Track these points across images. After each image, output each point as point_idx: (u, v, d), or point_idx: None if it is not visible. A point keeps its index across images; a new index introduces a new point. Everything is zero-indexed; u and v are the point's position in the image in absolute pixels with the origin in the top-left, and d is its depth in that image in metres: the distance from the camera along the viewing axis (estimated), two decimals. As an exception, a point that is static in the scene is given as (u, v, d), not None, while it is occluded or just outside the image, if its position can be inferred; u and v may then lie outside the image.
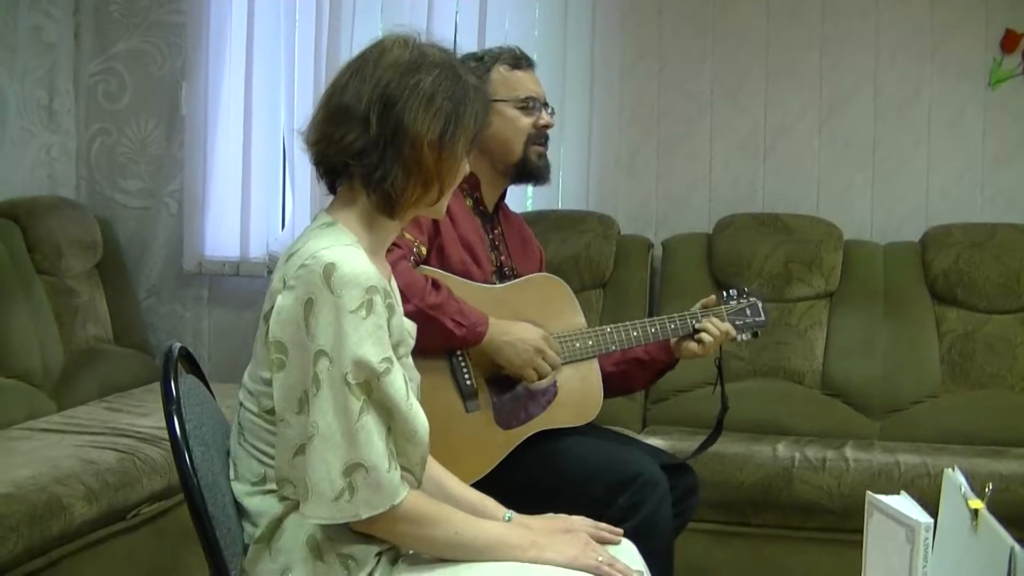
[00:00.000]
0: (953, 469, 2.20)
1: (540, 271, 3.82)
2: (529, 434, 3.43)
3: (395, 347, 2.42)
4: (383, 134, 2.40)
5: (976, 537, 2.01)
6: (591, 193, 5.68)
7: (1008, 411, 4.91)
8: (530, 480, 3.34)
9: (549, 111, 3.71)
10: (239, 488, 2.50)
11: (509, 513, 2.75)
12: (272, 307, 2.37)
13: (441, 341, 3.27)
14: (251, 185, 5.77)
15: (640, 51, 5.70)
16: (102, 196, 6.02)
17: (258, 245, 5.81)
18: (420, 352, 3.16)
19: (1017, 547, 1.87)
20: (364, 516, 2.32)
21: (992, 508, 4.18)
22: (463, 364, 3.36)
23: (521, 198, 5.62)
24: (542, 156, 3.68)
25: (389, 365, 2.33)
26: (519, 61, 3.69)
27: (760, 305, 3.82)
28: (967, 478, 2.20)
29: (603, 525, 2.78)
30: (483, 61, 3.67)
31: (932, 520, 2.21)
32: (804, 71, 5.61)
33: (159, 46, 5.98)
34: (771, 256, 5.26)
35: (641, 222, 5.67)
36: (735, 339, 3.74)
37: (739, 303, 3.79)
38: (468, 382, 3.35)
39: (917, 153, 5.53)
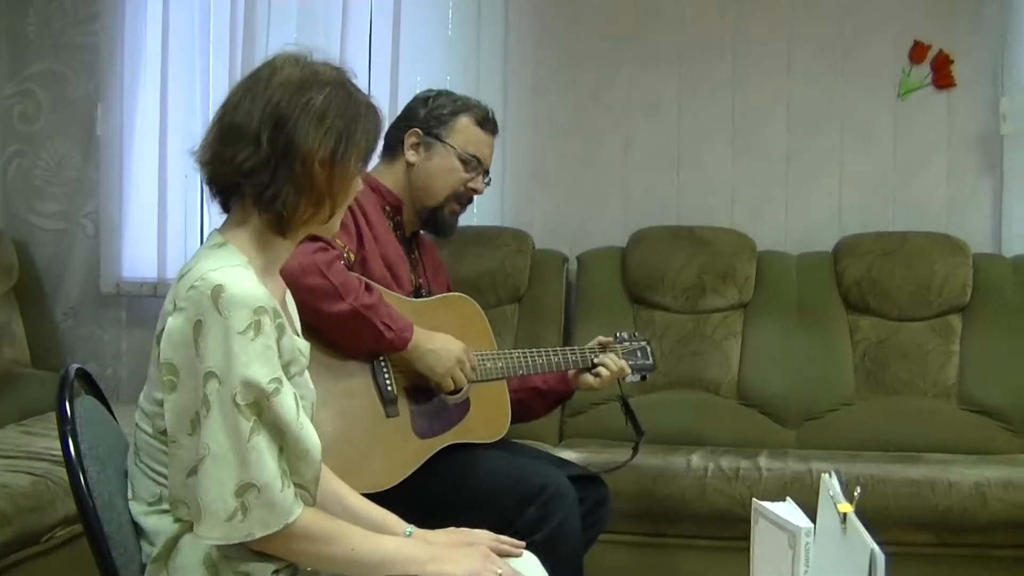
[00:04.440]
0: (830, 475, 2.23)
1: None
2: (444, 445, 3.48)
3: (286, 366, 2.42)
4: (274, 153, 2.39)
5: (846, 540, 2.05)
6: (505, 208, 5.71)
7: (921, 417, 4.98)
8: (440, 493, 3.39)
9: (486, 180, 3.82)
10: (136, 508, 2.50)
11: (410, 528, 2.75)
12: (163, 328, 2.37)
13: (370, 343, 3.33)
14: (167, 205, 5.75)
15: (553, 64, 5.73)
16: (18, 218, 5.98)
17: (176, 265, 5.75)
18: (346, 354, 3.28)
19: (876, 548, 1.91)
20: (258, 535, 2.32)
21: (908, 514, 4.27)
22: (385, 370, 3.40)
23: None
24: (455, 214, 3.79)
25: (278, 385, 2.33)
26: (486, 121, 3.80)
27: (649, 349, 4.02)
28: (842, 482, 2.23)
29: (504, 538, 2.80)
30: (455, 103, 3.78)
31: (813, 525, 2.24)
32: (717, 84, 5.66)
33: (74, 67, 5.94)
34: (685, 268, 5.29)
35: (556, 236, 5.66)
36: (626, 378, 3.89)
37: (631, 344, 3.97)
38: (389, 387, 3.39)
39: (829, 164, 5.59)
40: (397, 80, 5.55)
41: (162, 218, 5.77)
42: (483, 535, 2.76)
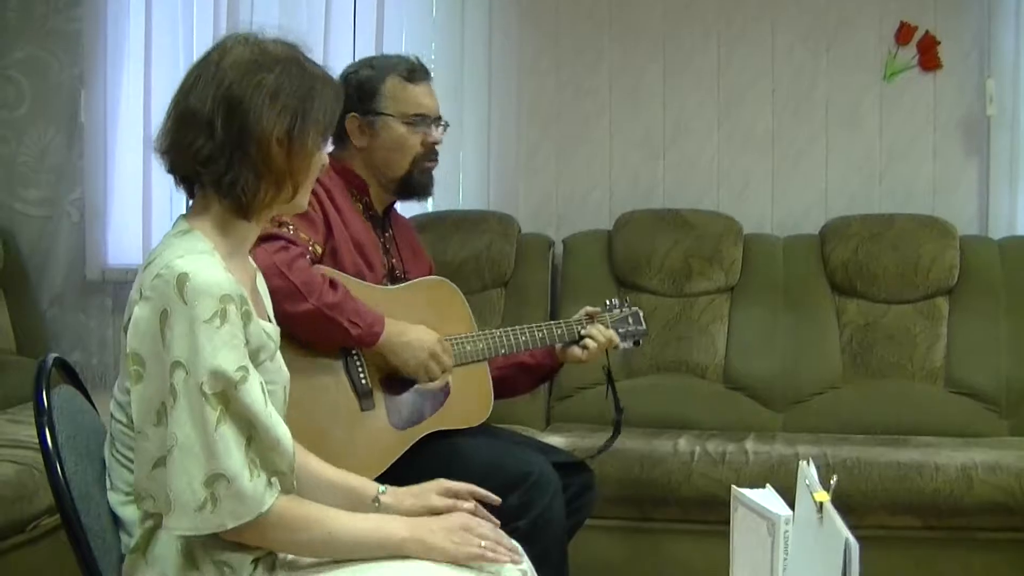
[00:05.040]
0: (807, 463, 2.22)
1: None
2: (422, 434, 3.45)
3: (255, 353, 2.41)
4: (229, 138, 2.37)
5: (822, 529, 2.04)
6: (491, 193, 5.70)
7: (908, 400, 4.99)
8: (422, 481, 3.34)
9: (442, 125, 3.72)
10: (114, 498, 2.48)
11: (384, 487, 2.73)
12: (130, 317, 2.35)
13: (337, 340, 3.30)
14: (152, 192, 5.71)
15: (538, 49, 5.73)
16: (3, 206, 5.94)
17: (161, 252, 5.74)
18: (315, 351, 3.22)
19: (851, 538, 1.89)
20: (230, 526, 2.30)
21: (895, 497, 4.26)
22: (358, 363, 3.37)
23: (422, 198, 5.64)
24: (425, 172, 3.69)
25: (245, 374, 2.31)
26: (413, 73, 3.67)
27: (640, 314, 3.95)
28: (819, 470, 2.22)
29: (479, 491, 2.76)
30: (375, 69, 3.67)
31: (792, 513, 2.23)
32: (701, 67, 5.66)
33: (57, 54, 5.91)
34: (671, 252, 5.29)
35: (542, 221, 5.68)
36: (617, 346, 3.84)
37: (621, 312, 3.90)
38: (363, 381, 3.36)
39: (815, 146, 5.59)
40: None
41: (147, 204, 5.74)
42: (463, 489, 2.75)
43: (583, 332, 3.75)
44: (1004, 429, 4.89)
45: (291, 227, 3.27)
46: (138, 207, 5.77)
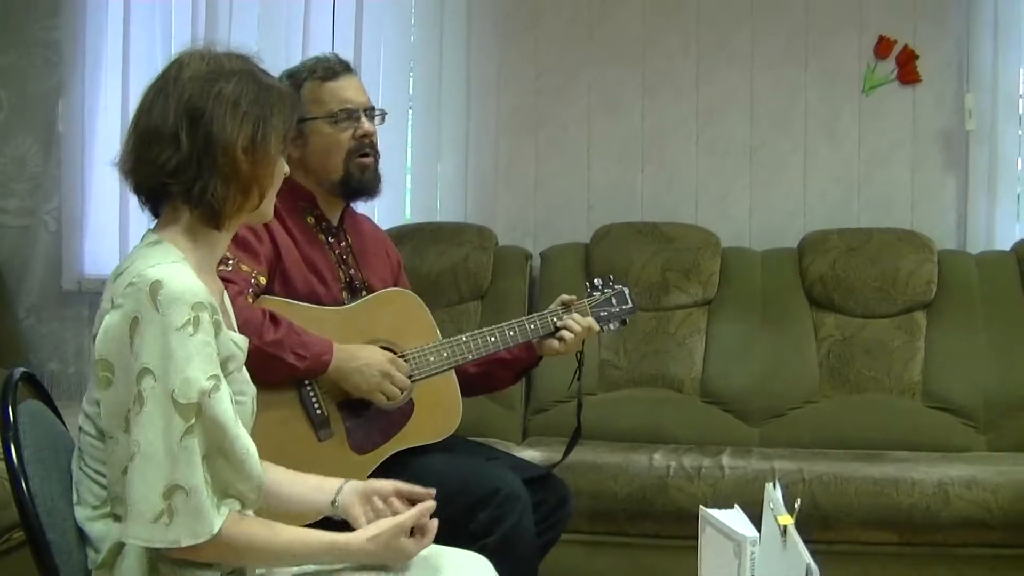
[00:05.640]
0: (774, 486, 2.21)
1: (396, 278, 3.79)
2: (386, 456, 3.41)
3: (225, 363, 2.41)
4: (195, 148, 2.39)
5: (785, 553, 2.03)
6: (469, 204, 5.70)
7: (885, 414, 4.98)
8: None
9: (376, 115, 3.66)
10: (81, 513, 2.46)
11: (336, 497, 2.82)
12: (101, 327, 2.35)
13: (285, 375, 3.24)
14: (129, 202, 5.65)
15: (517, 59, 5.74)
16: (-21, 215, 5.95)
17: (138, 263, 5.73)
18: (266, 385, 3.13)
19: (812, 564, 1.89)
20: (185, 543, 2.29)
21: (871, 512, 4.25)
22: (311, 393, 3.32)
23: (400, 209, 5.67)
24: (367, 169, 3.60)
25: (217, 383, 2.32)
26: (329, 71, 3.61)
27: (626, 292, 3.85)
28: (785, 490, 2.21)
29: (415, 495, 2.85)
30: (293, 78, 3.60)
31: (759, 534, 2.22)
32: (681, 79, 5.67)
33: (35, 63, 5.90)
34: (649, 264, 5.29)
35: (519, 233, 5.69)
36: (601, 331, 3.78)
37: (603, 294, 3.81)
38: (318, 411, 3.32)
39: (794, 160, 5.60)
40: (360, 79, 5.51)
41: (124, 215, 5.73)
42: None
43: (559, 323, 3.67)
44: (982, 444, 4.89)
45: (232, 260, 3.23)
46: (115, 217, 5.77)
